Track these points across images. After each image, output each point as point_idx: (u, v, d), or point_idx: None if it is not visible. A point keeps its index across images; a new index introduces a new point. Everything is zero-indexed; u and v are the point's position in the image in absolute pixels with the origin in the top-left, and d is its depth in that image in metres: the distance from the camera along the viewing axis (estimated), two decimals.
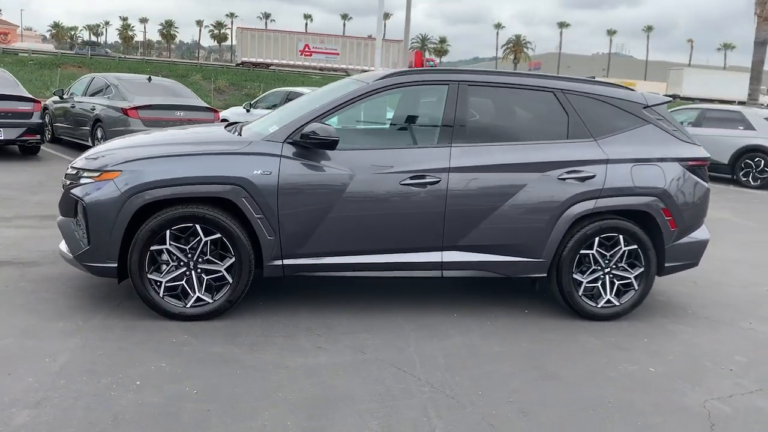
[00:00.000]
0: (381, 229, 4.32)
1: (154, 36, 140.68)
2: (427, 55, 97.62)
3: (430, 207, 4.32)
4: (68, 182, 4.31)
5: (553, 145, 4.56)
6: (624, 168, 4.58)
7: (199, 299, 4.18)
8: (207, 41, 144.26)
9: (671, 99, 4.94)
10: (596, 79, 5.99)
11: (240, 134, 4.63)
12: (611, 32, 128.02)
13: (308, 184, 4.19)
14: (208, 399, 3.22)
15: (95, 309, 4.29)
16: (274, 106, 12.63)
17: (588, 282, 4.64)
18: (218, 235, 4.11)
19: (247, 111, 13.04)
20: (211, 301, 4.19)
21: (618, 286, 4.69)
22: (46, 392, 3.17)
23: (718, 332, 4.65)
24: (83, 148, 12.00)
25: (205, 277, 4.18)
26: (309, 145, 4.15)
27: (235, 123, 5.37)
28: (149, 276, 4.11)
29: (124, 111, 10.64)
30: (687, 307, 5.14)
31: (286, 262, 4.25)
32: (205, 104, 12.05)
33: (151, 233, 4.04)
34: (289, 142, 4.22)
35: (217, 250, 4.16)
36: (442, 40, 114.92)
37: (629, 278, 4.68)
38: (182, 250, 4.13)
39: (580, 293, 4.63)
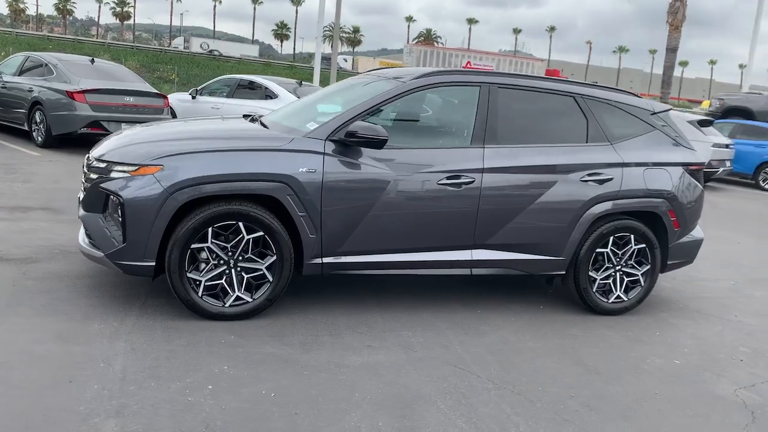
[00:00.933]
0: (417, 227, 4.37)
1: (48, 10, 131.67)
2: (341, 47, 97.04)
3: (464, 206, 4.41)
4: (95, 176, 4.07)
5: (576, 148, 4.76)
6: (637, 171, 4.85)
7: (238, 298, 4.08)
8: (107, 18, 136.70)
9: (671, 107, 5.25)
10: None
11: (266, 128, 4.55)
12: (517, 31, 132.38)
13: (350, 183, 4.18)
14: (289, 402, 3.17)
15: (123, 309, 4.09)
16: (222, 94, 12.30)
17: (601, 279, 4.89)
18: (260, 233, 4.02)
19: (193, 98, 12.61)
20: (250, 300, 4.10)
21: (627, 283, 4.97)
22: (120, 399, 3.02)
23: (715, 325, 5.03)
24: (18, 133, 11.23)
25: (245, 276, 4.08)
26: (356, 143, 4.13)
27: (250, 115, 5.26)
28: (189, 275, 3.97)
29: (70, 94, 10.02)
30: (678, 301, 5.51)
31: (326, 260, 4.22)
32: (154, 90, 11.54)
33: (194, 231, 3.90)
34: (331, 140, 4.18)
35: (259, 248, 4.07)
36: (356, 30, 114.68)
37: (637, 275, 4.98)
38: (223, 248, 4.01)
39: (594, 290, 4.87)
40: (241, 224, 3.98)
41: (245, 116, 5.10)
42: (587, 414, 3.37)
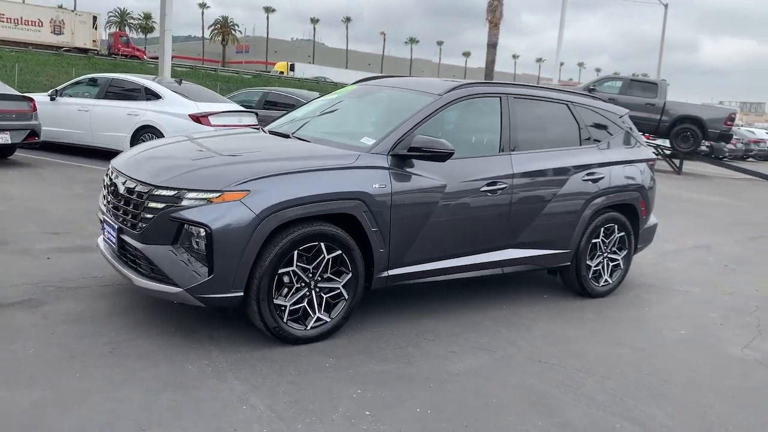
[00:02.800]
0: (465, 233, 4.61)
1: None
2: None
3: (500, 210, 4.74)
4: (159, 204, 3.73)
5: (575, 150, 5.30)
6: (619, 169, 5.53)
7: (318, 319, 4.02)
8: None
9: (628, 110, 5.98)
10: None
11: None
12: (315, 20, 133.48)
13: (412, 195, 4.28)
14: (449, 417, 3.28)
15: (196, 345, 3.83)
16: (88, 94, 11.24)
17: (594, 266, 5.51)
18: (339, 252, 4.00)
19: (52, 99, 11.33)
20: (329, 319, 4.06)
21: (611, 267, 5.65)
22: None
23: (678, 297, 5.90)
24: None
25: (324, 296, 4.03)
26: (422, 157, 4.24)
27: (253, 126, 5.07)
28: (275, 301, 3.83)
29: None
30: (635, 279, 6.33)
31: (391, 272, 4.30)
32: (18, 92, 10.18)
33: (281, 255, 3.77)
34: (392, 155, 4.25)
35: (337, 267, 4.04)
36: (147, 16, 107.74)
37: (618, 260, 5.68)
38: (305, 270, 3.93)
39: (590, 276, 5.48)
40: (322, 245, 3.93)
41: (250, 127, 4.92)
42: (668, 387, 3.89)
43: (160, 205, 3.74)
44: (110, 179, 4.24)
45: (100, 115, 10.96)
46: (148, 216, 3.77)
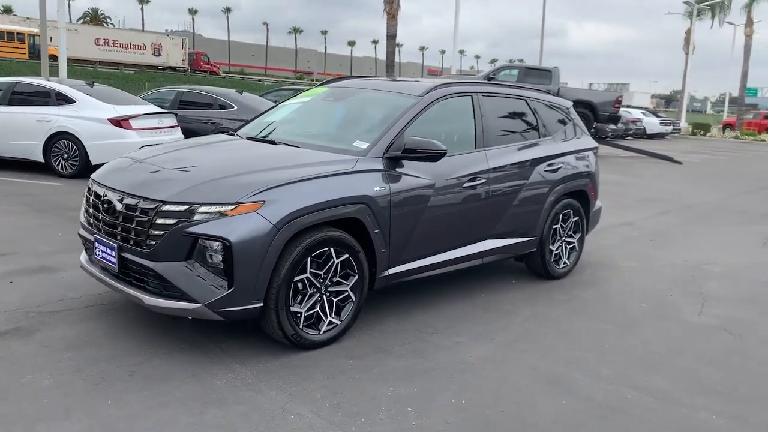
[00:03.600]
0: (452, 228, 4.81)
1: None
2: None
3: (480, 204, 4.97)
4: (170, 220, 3.64)
5: (535, 143, 5.62)
6: (572, 159, 5.93)
7: (330, 323, 4.08)
8: None
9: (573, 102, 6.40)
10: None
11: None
12: (193, 11, 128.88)
13: (408, 195, 4.41)
14: (486, 404, 3.46)
15: (214, 359, 3.79)
16: None
17: (555, 250, 5.89)
18: (346, 256, 4.07)
19: None
20: (339, 322, 4.13)
21: (569, 250, 6.06)
22: None
23: (625, 272, 6.41)
24: None
25: (335, 300, 4.10)
26: (416, 158, 4.37)
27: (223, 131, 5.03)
28: (292, 309, 3.86)
29: None
30: (583, 258, 6.77)
31: (391, 271, 4.42)
32: None
33: (296, 263, 3.80)
34: (387, 157, 4.36)
35: (345, 270, 4.11)
36: (7, 10, 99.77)
37: (574, 242, 6.10)
38: (317, 276, 3.97)
39: (552, 260, 5.85)
40: (332, 249, 3.99)
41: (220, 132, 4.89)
42: (656, 356, 4.29)
43: (170, 221, 3.65)
44: (99, 195, 4.07)
45: (5, 122, 10.21)
46: (158, 233, 3.67)
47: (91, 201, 4.19)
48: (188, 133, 10.85)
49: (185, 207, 3.65)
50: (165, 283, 3.69)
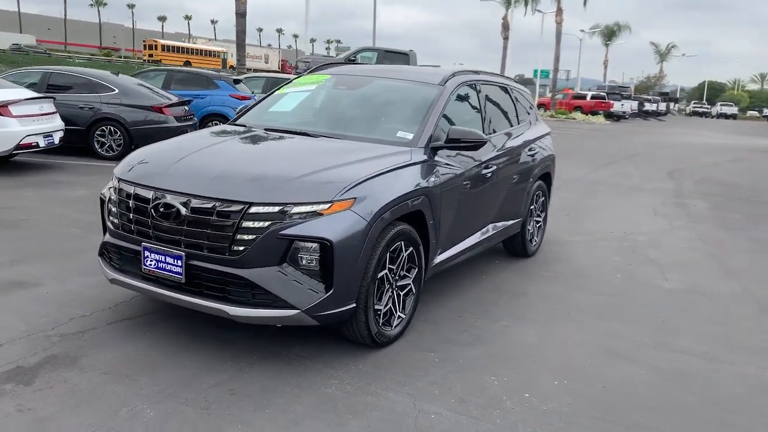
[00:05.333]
0: (474, 214, 4.93)
1: None
2: None
3: (492, 189, 5.15)
4: (265, 224, 3.36)
5: (519, 129, 5.89)
6: (542, 142, 6.31)
7: (399, 317, 4.03)
8: None
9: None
10: None
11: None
12: None
13: (450, 185, 4.43)
14: (585, 382, 3.66)
15: (302, 367, 3.59)
16: None
17: (531, 229, 6.24)
18: (411, 249, 4.04)
19: None
20: (404, 315, 4.09)
21: (537, 228, 6.45)
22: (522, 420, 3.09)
23: (575, 246, 6.95)
24: None
25: (401, 294, 4.04)
26: (461, 148, 4.41)
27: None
28: (375, 307, 3.76)
29: None
30: (593, 246, 7.19)
31: (436, 261, 4.45)
32: None
33: (380, 259, 3.70)
34: (432, 148, 4.35)
35: (409, 263, 4.07)
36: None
37: (541, 221, 6.51)
38: (391, 271, 3.90)
39: (528, 239, 6.21)
40: (402, 243, 3.93)
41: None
42: (666, 322, 4.78)
43: (262, 224, 3.37)
44: (144, 199, 3.62)
45: None
46: (247, 237, 3.37)
47: (129, 205, 3.70)
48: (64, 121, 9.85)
49: (278, 208, 3.39)
50: (256, 291, 3.41)
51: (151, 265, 3.60)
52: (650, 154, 19.53)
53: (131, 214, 3.70)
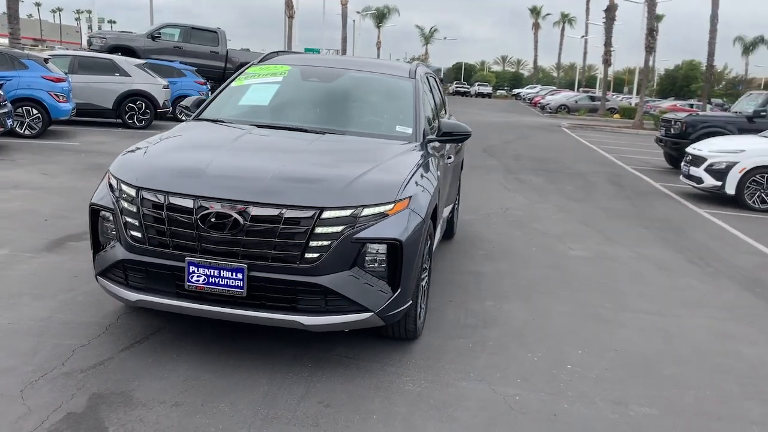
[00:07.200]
0: (447, 200, 5.15)
1: None
2: None
3: (450, 175, 5.39)
4: (339, 228, 3.22)
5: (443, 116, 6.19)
6: None
7: (422, 309, 4.13)
8: None
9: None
10: None
11: None
12: None
13: (442, 175, 4.60)
14: (603, 351, 4.12)
15: (342, 369, 3.55)
16: None
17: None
18: (429, 242, 4.15)
19: None
20: (424, 306, 4.20)
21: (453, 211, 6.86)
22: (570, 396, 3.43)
23: (474, 224, 7.44)
24: None
25: (422, 285, 4.14)
26: (450, 141, 4.58)
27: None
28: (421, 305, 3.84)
29: None
30: (489, 222, 7.61)
31: (434, 248, 4.59)
32: None
33: (423, 254, 3.78)
34: (427, 141, 4.46)
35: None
36: None
37: (457, 204, 6.92)
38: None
39: (456, 219, 6.59)
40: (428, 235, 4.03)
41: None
42: (623, 286, 5.48)
43: (336, 229, 3.25)
44: (186, 210, 3.26)
45: None
46: (321, 244, 3.23)
47: (161, 216, 3.30)
48: None
49: (350, 211, 3.29)
50: (330, 297, 3.29)
51: (198, 281, 3.27)
52: None
53: (165, 227, 3.30)
